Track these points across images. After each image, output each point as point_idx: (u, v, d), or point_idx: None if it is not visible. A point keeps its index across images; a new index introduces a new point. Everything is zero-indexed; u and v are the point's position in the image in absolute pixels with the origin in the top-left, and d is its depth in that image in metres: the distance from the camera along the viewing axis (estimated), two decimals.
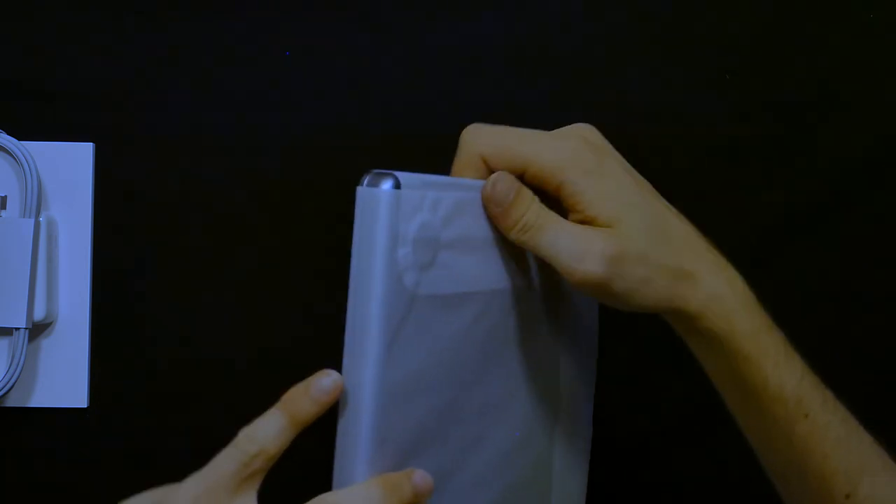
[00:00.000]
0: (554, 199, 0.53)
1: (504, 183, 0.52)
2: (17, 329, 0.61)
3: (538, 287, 0.57)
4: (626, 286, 0.51)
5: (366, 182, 0.48)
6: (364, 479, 0.47)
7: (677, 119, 0.66)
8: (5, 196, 0.62)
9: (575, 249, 0.51)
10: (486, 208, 0.52)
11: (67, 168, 0.63)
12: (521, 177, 0.53)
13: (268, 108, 0.64)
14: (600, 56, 0.65)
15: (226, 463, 0.46)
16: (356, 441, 0.48)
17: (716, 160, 0.66)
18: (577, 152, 0.52)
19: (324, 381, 0.47)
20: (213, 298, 0.64)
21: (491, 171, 0.53)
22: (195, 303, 0.64)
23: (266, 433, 0.46)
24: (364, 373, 0.48)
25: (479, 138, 0.53)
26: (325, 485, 0.47)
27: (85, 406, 0.63)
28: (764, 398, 0.52)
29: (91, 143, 0.63)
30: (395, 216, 0.48)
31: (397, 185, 0.48)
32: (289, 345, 0.64)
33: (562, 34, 0.65)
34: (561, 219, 0.52)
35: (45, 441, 0.63)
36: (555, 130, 0.53)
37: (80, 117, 0.63)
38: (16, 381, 0.61)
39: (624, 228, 0.51)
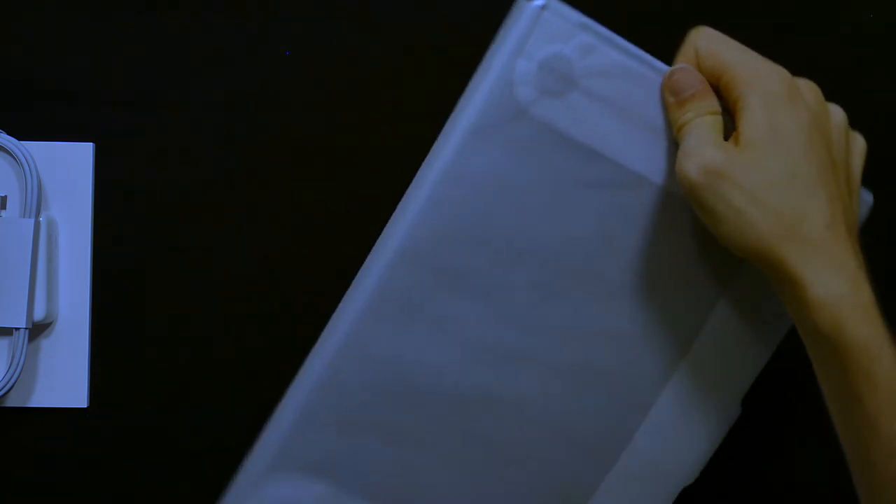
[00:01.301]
0: (731, 119, 0.52)
1: (686, 74, 0.52)
2: (17, 329, 0.61)
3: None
4: (718, 207, 0.49)
5: None
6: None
7: None
8: (5, 196, 0.62)
9: (687, 148, 0.50)
10: (662, 93, 0.53)
11: (67, 168, 0.63)
12: (716, 84, 0.52)
13: (268, 108, 0.64)
14: None
15: None
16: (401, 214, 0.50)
17: None
18: (774, 78, 0.51)
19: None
20: (213, 298, 0.64)
21: (699, 68, 0.53)
22: (195, 303, 0.64)
23: None
24: (439, 155, 0.51)
25: (702, 36, 0.53)
26: None
27: (85, 406, 0.63)
28: (882, 423, 0.48)
29: (91, 143, 0.63)
30: (527, 30, 0.50)
31: (545, 7, 0.50)
32: (290, 345, 0.64)
33: None
34: (711, 128, 0.51)
35: (45, 441, 0.63)
36: None
37: (80, 117, 0.63)
38: (16, 381, 0.61)
39: (753, 155, 0.49)
